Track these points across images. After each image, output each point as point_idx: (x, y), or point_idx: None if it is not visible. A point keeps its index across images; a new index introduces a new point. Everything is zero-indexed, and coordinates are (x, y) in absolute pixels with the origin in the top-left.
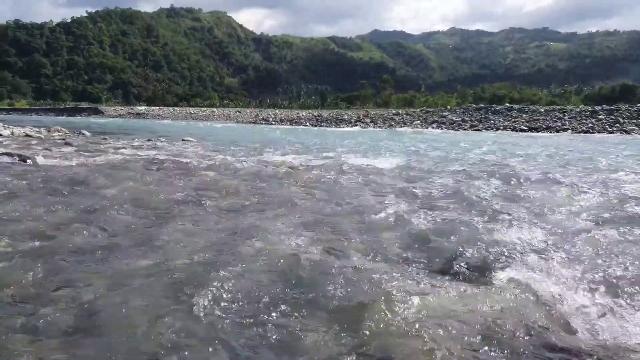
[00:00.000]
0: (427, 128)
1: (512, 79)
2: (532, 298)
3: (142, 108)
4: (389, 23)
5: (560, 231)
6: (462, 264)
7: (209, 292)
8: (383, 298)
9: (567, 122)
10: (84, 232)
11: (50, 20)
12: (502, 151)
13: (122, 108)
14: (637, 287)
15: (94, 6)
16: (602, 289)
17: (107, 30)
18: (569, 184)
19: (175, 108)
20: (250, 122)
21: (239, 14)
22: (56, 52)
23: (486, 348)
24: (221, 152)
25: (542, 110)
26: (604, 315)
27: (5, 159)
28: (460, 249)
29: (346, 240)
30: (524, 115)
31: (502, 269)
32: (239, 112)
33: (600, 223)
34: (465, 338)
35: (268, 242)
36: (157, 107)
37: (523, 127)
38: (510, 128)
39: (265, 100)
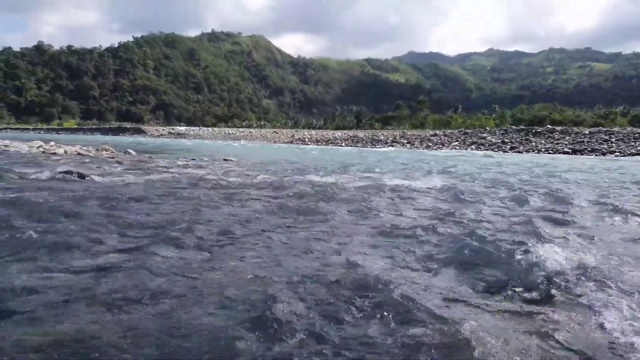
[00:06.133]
0: (465, 149)
1: (554, 100)
2: (585, 324)
3: (182, 128)
4: (425, 45)
5: (619, 259)
6: (515, 286)
7: (279, 304)
8: (436, 315)
9: (614, 144)
10: (159, 247)
11: (99, 45)
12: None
13: (164, 128)
14: None
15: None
16: None
17: (152, 54)
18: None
19: (215, 128)
20: (286, 142)
21: (280, 39)
22: (103, 74)
23: None
24: (263, 171)
25: (587, 132)
26: None
27: (67, 176)
28: (513, 271)
29: (399, 257)
30: (567, 137)
31: (556, 294)
32: (276, 132)
33: None
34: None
35: (326, 258)
36: (197, 127)
37: (566, 150)
38: (552, 150)
39: (301, 120)
